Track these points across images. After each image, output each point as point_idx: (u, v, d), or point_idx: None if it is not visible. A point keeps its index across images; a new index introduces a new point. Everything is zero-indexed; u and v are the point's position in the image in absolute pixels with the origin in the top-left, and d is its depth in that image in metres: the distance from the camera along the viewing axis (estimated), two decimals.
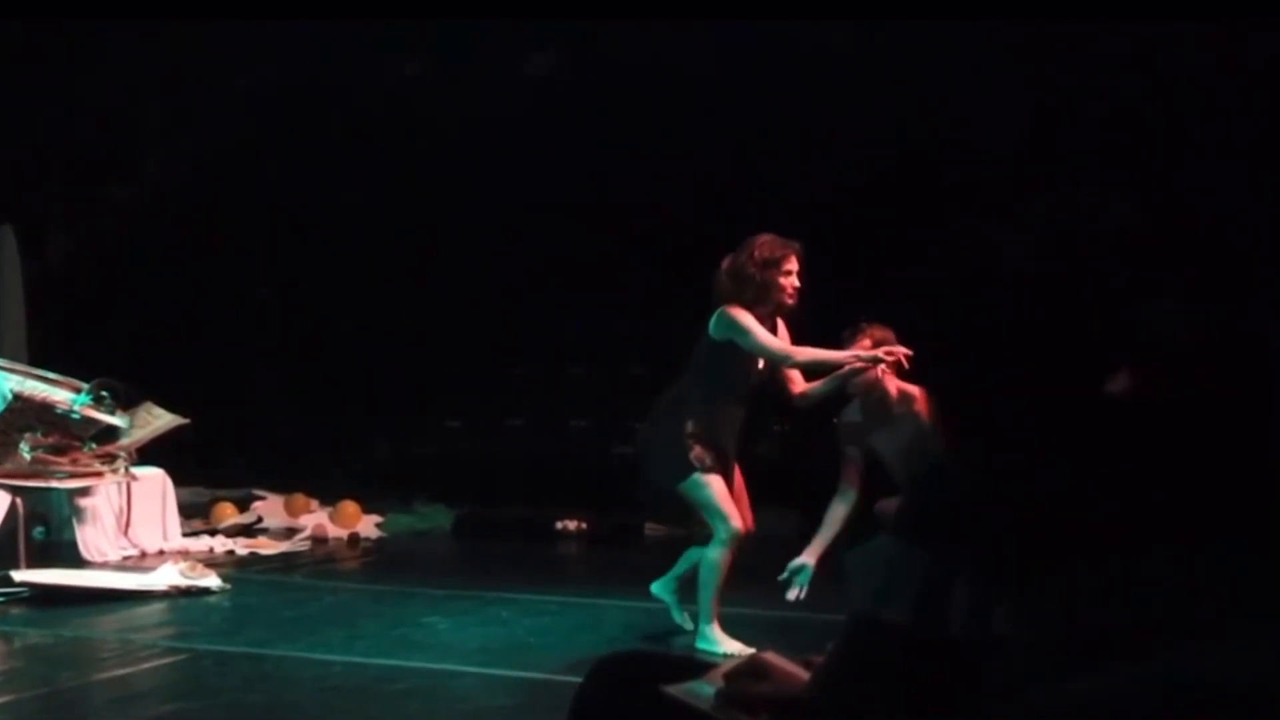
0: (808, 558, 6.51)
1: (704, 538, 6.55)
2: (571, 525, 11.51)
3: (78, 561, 9.24)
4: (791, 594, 6.50)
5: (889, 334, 6.33)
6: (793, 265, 6.42)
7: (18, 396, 9.11)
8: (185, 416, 10.12)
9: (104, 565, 9.28)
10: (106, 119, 11.84)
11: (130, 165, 12.38)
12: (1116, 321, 1.73)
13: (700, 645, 6.34)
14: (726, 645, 6.29)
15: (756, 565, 6.54)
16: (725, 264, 6.48)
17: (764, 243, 6.44)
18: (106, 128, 11.90)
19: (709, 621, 6.39)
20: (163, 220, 12.63)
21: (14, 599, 7.77)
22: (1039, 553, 1.88)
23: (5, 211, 11.86)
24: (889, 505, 5.93)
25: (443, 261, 12.53)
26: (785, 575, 6.53)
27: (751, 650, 5.88)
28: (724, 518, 6.34)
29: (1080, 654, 1.82)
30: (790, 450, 12.27)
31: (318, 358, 13.49)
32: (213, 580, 8.35)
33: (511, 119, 11.62)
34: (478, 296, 12.49)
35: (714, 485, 6.36)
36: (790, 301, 6.41)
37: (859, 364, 6.27)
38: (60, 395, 9.42)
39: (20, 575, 8.00)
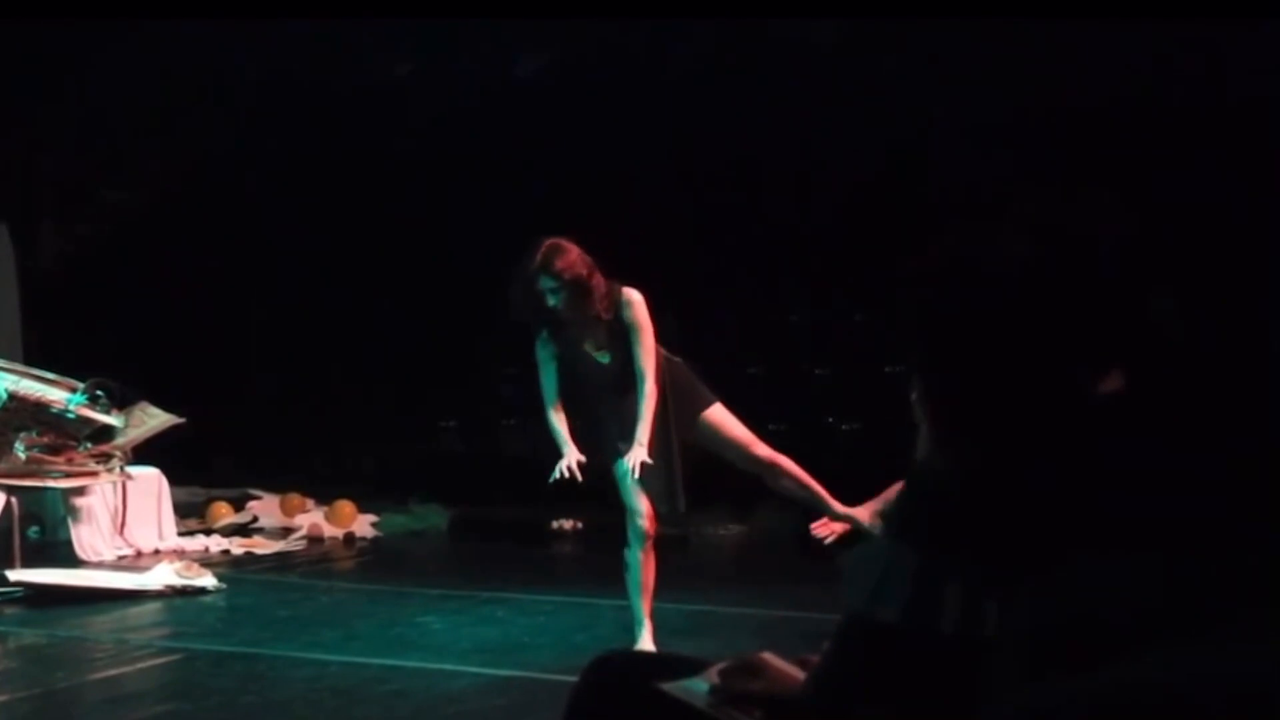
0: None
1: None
2: (567, 525, 11.51)
3: (73, 561, 9.24)
4: None
5: None
6: (539, 284, 5.98)
7: (13, 396, 9.10)
8: (180, 416, 10.12)
9: (99, 565, 9.28)
10: (101, 116, 11.82)
11: (125, 163, 12.36)
12: (1111, 319, 1.72)
13: None
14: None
15: (754, 565, 6.54)
16: None
17: (515, 275, 6.11)
18: (101, 125, 11.88)
19: (639, 629, 6.18)
20: (158, 219, 12.62)
21: (9, 599, 7.77)
22: (1032, 552, 1.87)
23: None
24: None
25: (438, 260, 12.52)
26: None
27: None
28: (630, 513, 6.17)
29: (1074, 654, 1.82)
30: (789, 449, 12.27)
31: (313, 357, 13.48)
32: (208, 580, 8.34)
33: (504, 119, 11.61)
34: (472, 296, 12.49)
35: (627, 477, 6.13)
36: (563, 316, 6.04)
37: None
38: (55, 394, 9.42)
39: (15, 575, 7.99)
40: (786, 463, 6.44)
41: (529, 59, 11.26)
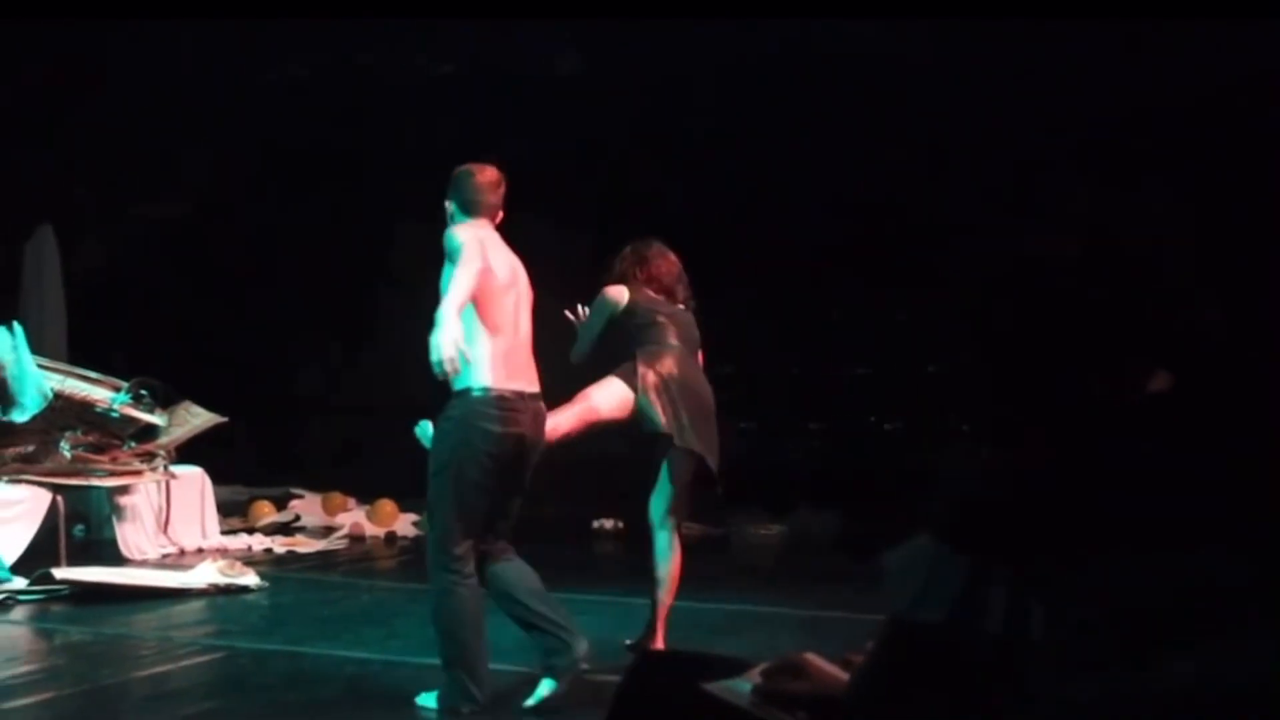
0: None
1: None
2: (608, 524, 11.52)
3: (117, 559, 9.29)
4: None
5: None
6: None
7: (58, 395, 9.17)
8: (223, 415, 10.17)
9: (143, 563, 9.33)
10: (145, 118, 11.89)
11: (169, 165, 12.43)
12: (1157, 320, 1.71)
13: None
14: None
15: (794, 564, 6.51)
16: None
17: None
18: (145, 127, 11.95)
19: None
20: (202, 219, 12.69)
21: (55, 597, 7.82)
22: (1077, 553, 1.87)
23: (44, 211, 11.94)
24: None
25: None
26: None
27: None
28: None
29: (1118, 655, 1.81)
30: (831, 448, 12.25)
31: (354, 356, 13.52)
32: (251, 578, 8.38)
33: (542, 118, 11.62)
34: None
35: None
36: None
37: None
38: (100, 394, 9.49)
39: (61, 573, 8.05)
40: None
41: (566, 59, 11.26)
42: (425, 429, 5.75)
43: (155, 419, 9.76)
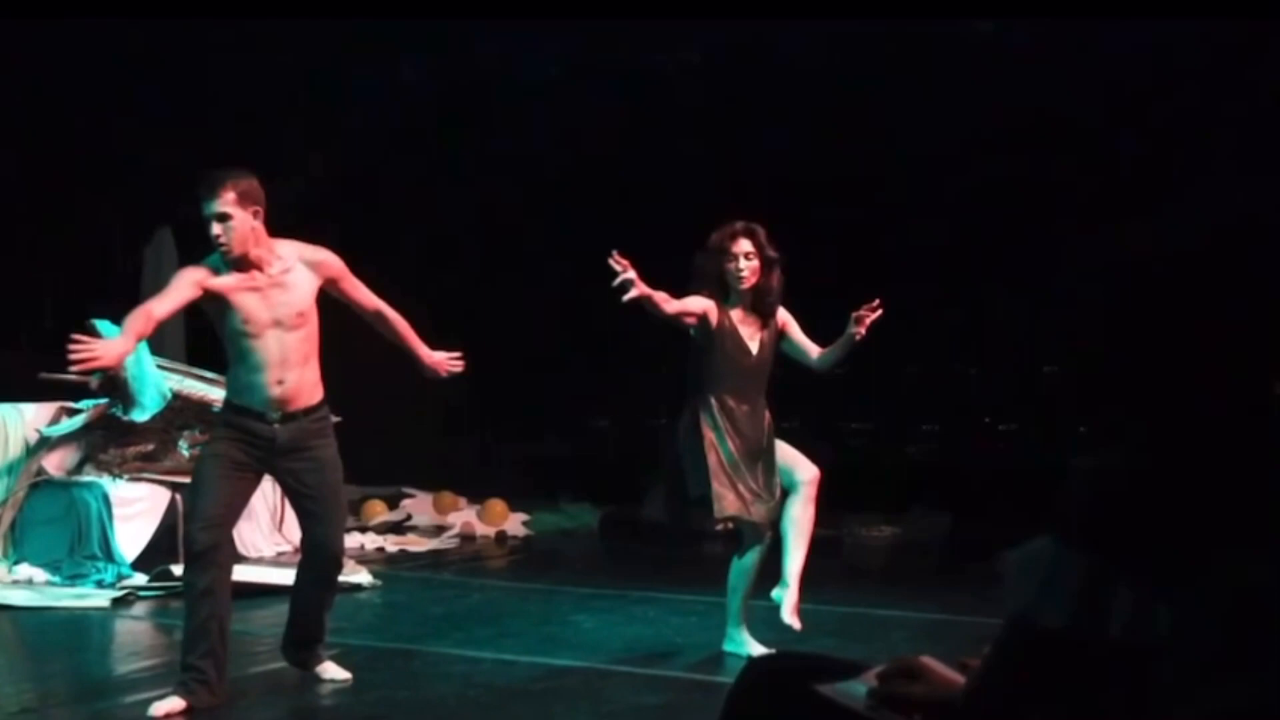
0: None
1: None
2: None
3: (234, 557, 9.41)
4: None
5: None
6: (740, 247, 6.04)
7: (177, 395, 9.33)
8: (335, 415, 10.26)
9: (259, 561, 9.45)
10: (259, 118, 12.04)
11: (285, 165, 12.57)
12: None
13: (728, 648, 6.30)
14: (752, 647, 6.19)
15: (907, 567, 6.44)
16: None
17: (714, 233, 6.16)
18: (260, 128, 12.11)
19: (738, 624, 6.36)
20: (310, 219, 12.82)
21: (174, 593, 7.95)
22: (1203, 553, 1.81)
23: (164, 214, 12.13)
24: None
25: (594, 257, 12.55)
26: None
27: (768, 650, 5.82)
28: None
29: (1245, 656, 1.76)
30: (945, 449, 12.12)
31: (465, 356, 13.60)
32: (363, 577, 8.46)
33: (662, 110, 11.60)
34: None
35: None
36: (746, 286, 6.05)
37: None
38: (217, 394, 9.61)
39: (180, 569, 8.17)
40: None
41: (675, 56, 11.23)
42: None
43: None
